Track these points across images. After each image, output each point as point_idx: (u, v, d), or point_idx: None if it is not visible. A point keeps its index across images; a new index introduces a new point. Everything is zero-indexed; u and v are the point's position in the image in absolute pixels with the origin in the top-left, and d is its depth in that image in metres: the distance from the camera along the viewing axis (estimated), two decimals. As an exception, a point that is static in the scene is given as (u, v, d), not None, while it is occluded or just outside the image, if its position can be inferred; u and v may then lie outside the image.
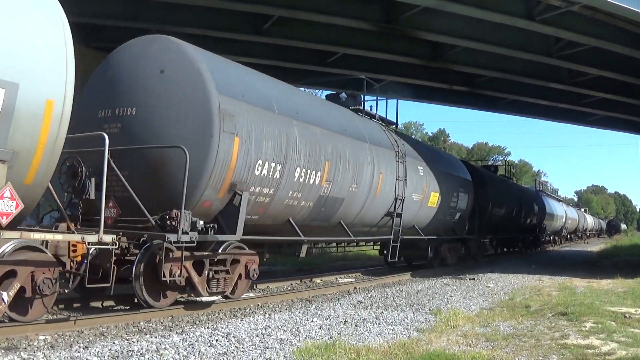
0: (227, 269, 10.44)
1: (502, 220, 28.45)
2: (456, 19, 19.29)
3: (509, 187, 32.53)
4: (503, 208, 28.22)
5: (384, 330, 8.87)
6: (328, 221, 13.48)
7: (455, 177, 21.10)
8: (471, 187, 22.43)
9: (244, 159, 10.08)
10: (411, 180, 16.76)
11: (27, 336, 7.34)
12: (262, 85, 11.53)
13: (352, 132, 14.05)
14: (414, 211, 17.33)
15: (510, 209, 30.09)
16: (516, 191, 34.10)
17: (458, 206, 21.00)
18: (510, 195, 30.78)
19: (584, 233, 75.95)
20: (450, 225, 21.24)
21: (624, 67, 23.19)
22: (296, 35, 21.03)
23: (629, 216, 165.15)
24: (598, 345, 7.82)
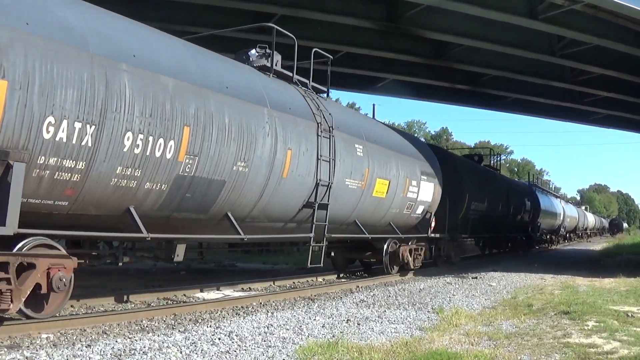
0: (8, 277, 7.05)
1: (485, 217, 25.11)
2: (459, 18, 19.30)
3: (494, 180, 28.45)
4: (485, 203, 24.73)
5: (387, 328, 8.87)
6: (205, 213, 9.95)
7: (415, 162, 17.26)
8: (439, 176, 18.87)
9: (21, 113, 6.78)
10: (343, 162, 13.21)
11: (30, 334, 7.35)
12: (70, 12, 7.78)
13: (239, 91, 10.30)
14: (351, 202, 14.02)
15: (495, 204, 26.62)
16: (503, 184, 30.20)
17: (420, 198, 17.36)
18: (495, 189, 27.26)
19: (585, 232, 73.19)
20: (410, 222, 17.88)
21: (626, 65, 23.19)
22: (299, 35, 20.93)
23: (632, 215, 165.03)
24: (600, 344, 7.81)
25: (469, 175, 22.99)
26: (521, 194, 33.73)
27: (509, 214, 29.71)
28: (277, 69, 12.68)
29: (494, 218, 26.63)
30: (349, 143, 13.64)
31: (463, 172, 22.18)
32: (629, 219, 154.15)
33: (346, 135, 13.55)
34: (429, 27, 20.02)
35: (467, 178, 22.27)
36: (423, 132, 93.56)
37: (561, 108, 32.87)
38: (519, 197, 32.76)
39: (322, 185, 12.43)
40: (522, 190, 35.95)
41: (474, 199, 22.95)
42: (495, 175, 30.15)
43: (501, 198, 27.79)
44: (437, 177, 18.71)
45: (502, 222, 28.53)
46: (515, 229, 32.64)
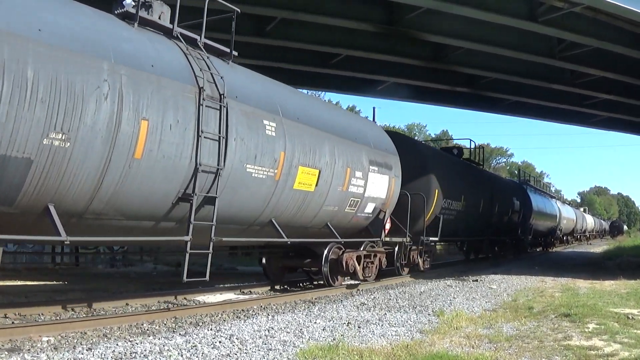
0: None
1: (463, 218, 22.06)
2: (458, 20, 19.31)
3: (474, 175, 25.31)
4: (462, 201, 21.66)
5: (387, 331, 8.86)
6: (11, 205, 7.27)
7: (361, 149, 14.18)
8: (397, 167, 15.94)
9: None
10: (243, 142, 10.06)
11: (31, 337, 7.35)
12: None
13: (62, 37, 7.44)
14: (260, 196, 10.84)
15: (476, 203, 23.70)
16: (485, 181, 26.75)
17: (369, 194, 14.39)
18: (477, 186, 24.28)
19: (583, 234, 70.24)
20: (358, 223, 14.89)
21: (626, 68, 23.21)
22: (299, 37, 21.06)
23: (632, 217, 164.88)
24: (601, 347, 7.81)
25: (439, 168, 19.61)
26: (509, 193, 30.72)
27: (494, 214, 26.68)
28: (151, 18, 9.63)
29: (474, 219, 23.87)
30: (255, 118, 10.42)
31: (431, 164, 19.05)
32: (630, 221, 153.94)
33: (250, 108, 10.37)
34: (428, 29, 20.03)
35: (437, 172, 18.96)
36: (423, 134, 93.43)
37: (561, 110, 32.87)
38: (507, 195, 29.85)
39: (206, 172, 9.38)
40: (510, 188, 32.58)
41: (448, 197, 19.97)
42: (476, 170, 26.80)
43: (484, 196, 24.85)
44: (394, 169, 15.76)
45: (485, 224, 25.76)
46: (502, 231, 29.42)
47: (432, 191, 18.42)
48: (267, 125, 10.77)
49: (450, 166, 21.93)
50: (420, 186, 17.77)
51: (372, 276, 15.38)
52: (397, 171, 15.94)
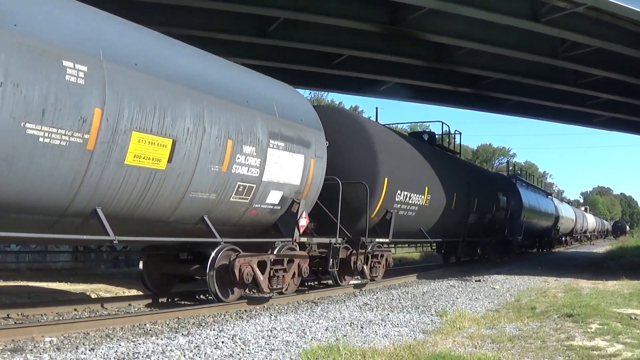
0: None
1: (425, 215, 18.18)
2: (461, 21, 19.29)
3: (444, 164, 20.76)
4: (426, 194, 17.73)
5: (390, 332, 8.87)
6: None
7: (255, 115, 10.56)
8: (319, 144, 12.43)
9: None
10: (17, 90, 6.79)
11: (33, 337, 7.36)
12: None
13: None
14: (61, 172, 7.47)
15: (446, 197, 19.67)
16: (460, 172, 22.44)
17: (268, 178, 10.82)
18: (447, 177, 19.91)
19: (584, 235, 66.56)
20: (260, 218, 11.30)
21: (629, 68, 23.16)
22: (301, 38, 21.05)
23: (635, 217, 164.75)
24: (604, 347, 7.81)
25: (392, 152, 16.02)
26: (493, 187, 26.82)
27: (471, 211, 22.74)
28: None
29: (445, 216, 19.93)
30: (46, 57, 7.09)
31: (380, 146, 15.14)
32: (632, 221, 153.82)
33: (38, 42, 7.06)
34: (431, 30, 20.01)
35: (387, 156, 15.41)
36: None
37: (564, 111, 32.82)
38: (489, 190, 25.83)
39: None
40: (495, 182, 28.47)
41: (404, 188, 16.19)
42: (448, 158, 22.57)
43: (458, 190, 20.88)
44: (315, 148, 12.18)
45: (460, 222, 21.90)
46: (484, 231, 25.54)
47: (379, 180, 14.74)
48: (68, 68, 7.31)
49: (408, 151, 17.73)
50: (363, 173, 14.26)
51: (287, 287, 11.82)
52: (320, 151, 12.35)
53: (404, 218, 16.84)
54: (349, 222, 13.88)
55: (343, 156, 14.04)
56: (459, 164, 23.84)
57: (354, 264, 14.07)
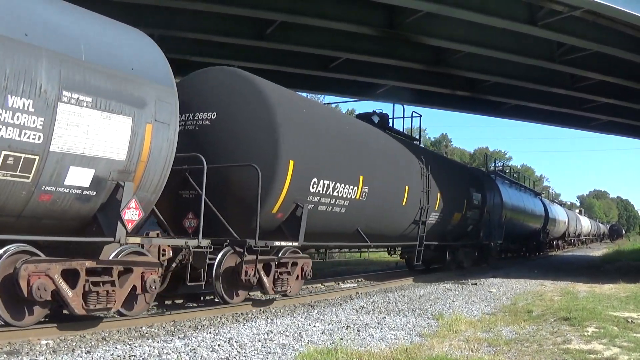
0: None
1: (359, 213, 14.32)
2: (459, 24, 19.30)
3: (390, 151, 16.55)
4: (359, 186, 13.86)
5: (386, 335, 8.86)
6: None
7: (33, 53, 7.21)
8: (166, 105, 9.07)
9: None
10: None
11: (30, 340, 7.34)
12: None
13: None
14: None
15: (394, 190, 16.01)
16: (415, 162, 17.86)
17: (63, 146, 7.58)
18: (394, 167, 16.30)
19: (578, 239, 63.33)
20: (59, 207, 7.87)
21: (626, 72, 23.20)
22: (299, 41, 21.05)
23: (631, 221, 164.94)
24: (600, 350, 7.82)
25: (304, 128, 12.19)
26: (463, 182, 22.90)
27: (431, 210, 18.57)
28: None
29: (392, 214, 16.31)
30: None
31: (283, 118, 11.34)
32: (629, 225, 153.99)
33: None
34: (428, 33, 20.02)
35: (295, 132, 11.68)
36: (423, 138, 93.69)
37: (561, 114, 32.85)
38: (458, 185, 22.12)
39: None
40: (466, 176, 24.31)
41: (324, 175, 12.47)
42: (396, 144, 17.48)
43: (411, 183, 17.02)
44: (155, 109, 8.80)
45: (413, 222, 17.72)
46: (451, 234, 21.86)
47: (281, 163, 11.09)
48: None
49: (334, 130, 13.72)
50: (258, 153, 10.85)
51: (113, 307, 8.48)
52: (166, 114, 8.97)
53: (329, 216, 13.15)
54: (243, 219, 10.68)
55: (232, 131, 11.01)
56: (416, 152, 18.48)
57: (244, 275, 10.58)
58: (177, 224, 10.80)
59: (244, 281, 10.67)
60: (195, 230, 10.30)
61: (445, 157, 30.44)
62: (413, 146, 19.29)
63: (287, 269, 11.93)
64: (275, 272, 11.56)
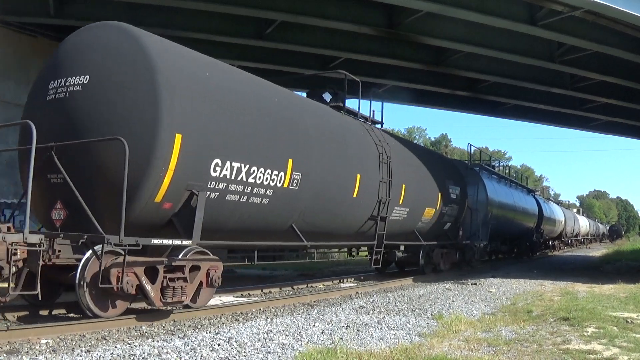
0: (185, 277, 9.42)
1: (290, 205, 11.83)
2: (459, 24, 19.34)
3: (340, 130, 14.05)
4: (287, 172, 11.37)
5: (386, 335, 8.86)
6: None
7: None
8: None
9: None
10: None
11: (29, 340, 7.35)
12: None
13: None
14: None
15: (341, 179, 13.36)
16: (372, 147, 15.07)
17: None
18: (343, 150, 13.66)
19: (575, 239, 59.91)
20: None
21: (626, 72, 23.23)
22: (298, 40, 21.07)
23: (631, 221, 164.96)
24: (600, 351, 7.81)
25: (202, 94, 9.68)
26: (438, 174, 19.39)
27: (395, 204, 15.97)
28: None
29: (338, 208, 13.49)
30: None
31: (168, 78, 9.02)
32: (629, 225, 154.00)
33: None
34: (428, 33, 20.05)
35: (187, 97, 9.26)
36: (423, 138, 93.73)
37: (561, 114, 32.90)
38: (431, 177, 18.74)
39: None
40: (441, 167, 20.78)
41: (231, 155, 10.01)
42: (354, 126, 15.01)
43: (363, 170, 14.21)
44: None
45: (371, 219, 15.01)
46: (424, 234, 18.96)
47: (163, 137, 8.73)
48: None
49: (248, 100, 10.85)
50: (132, 124, 8.70)
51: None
52: None
53: (245, 208, 10.57)
54: (114, 208, 8.35)
55: (106, 97, 8.86)
56: (375, 136, 15.47)
57: (116, 282, 8.48)
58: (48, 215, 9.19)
59: (116, 289, 8.55)
60: (64, 224, 8.83)
61: (414, 144, 24.54)
62: (372, 130, 15.78)
63: (184, 274, 9.54)
64: (164, 279, 9.23)
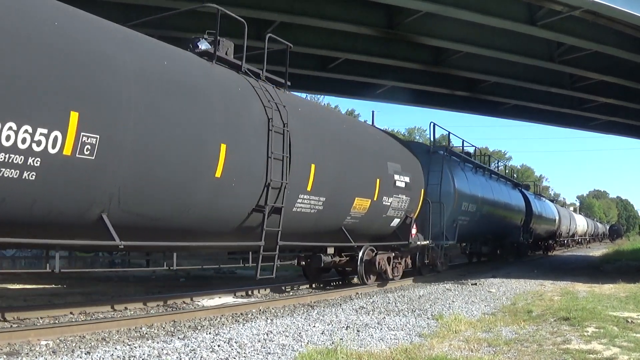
0: None
1: (91, 186, 7.76)
2: (458, 24, 19.32)
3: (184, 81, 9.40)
4: (65, 130, 7.13)
5: (386, 335, 8.85)
6: None
7: None
8: None
9: None
10: None
11: (29, 341, 7.35)
12: None
13: None
14: None
15: (179, 148, 8.99)
16: (255, 105, 10.95)
17: None
18: (189, 104, 9.28)
19: (572, 239, 56.42)
20: None
21: (625, 71, 23.23)
22: (298, 41, 21.00)
23: (631, 221, 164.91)
24: (600, 350, 7.81)
25: None
26: (375, 154, 15.06)
27: (297, 193, 11.83)
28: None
29: (195, 195, 9.47)
30: None
31: None
32: (629, 224, 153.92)
33: None
34: (428, 33, 20.04)
35: None
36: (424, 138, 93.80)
37: (560, 114, 32.89)
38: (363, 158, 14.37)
39: None
40: (381, 146, 15.81)
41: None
42: (227, 78, 10.85)
43: (235, 140, 10.20)
44: None
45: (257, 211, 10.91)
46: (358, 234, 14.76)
47: None
48: None
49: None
50: None
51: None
52: None
53: None
54: None
55: None
56: (264, 95, 11.29)
57: None
58: None
59: None
60: None
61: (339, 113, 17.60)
62: (263, 89, 11.47)
63: None
64: None
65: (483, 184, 24.72)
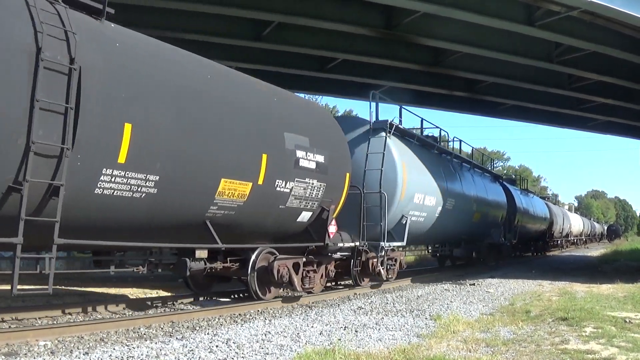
0: None
1: None
2: (456, 25, 19.31)
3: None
4: None
5: (384, 335, 8.86)
6: None
7: None
8: None
9: None
10: None
11: (28, 341, 7.35)
12: None
13: None
14: None
15: None
16: None
17: None
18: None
19: (566, 240, 53.63)
20: None
21: (624, 72, 23.24)
22: (296, 42, 21.04)
23: (629, 221, 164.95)
24: (598, 350, 7.82)
25: None
26: (270, 120, 11.37)
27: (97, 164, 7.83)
28: None
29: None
30: None
31: None
32: (627, 225, 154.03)
33: None
34: (426, 34, 20.03)
35: None
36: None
37: (559, 114, 32.90)
38: (244, 121, 10.58)
39: None
40: (281, 108, 11.96)
41: None
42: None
43: None
44: None
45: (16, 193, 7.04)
46: (250, 231, 11.48)
47: None
48: None
49: None
50: None
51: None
52: None
53: None
54: None
55: None
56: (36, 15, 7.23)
57: None
58: None
59: None
60: None
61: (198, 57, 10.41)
62: (51, 9, 7.61)
63: None
64: None
65: (448, 173, 20.69)
